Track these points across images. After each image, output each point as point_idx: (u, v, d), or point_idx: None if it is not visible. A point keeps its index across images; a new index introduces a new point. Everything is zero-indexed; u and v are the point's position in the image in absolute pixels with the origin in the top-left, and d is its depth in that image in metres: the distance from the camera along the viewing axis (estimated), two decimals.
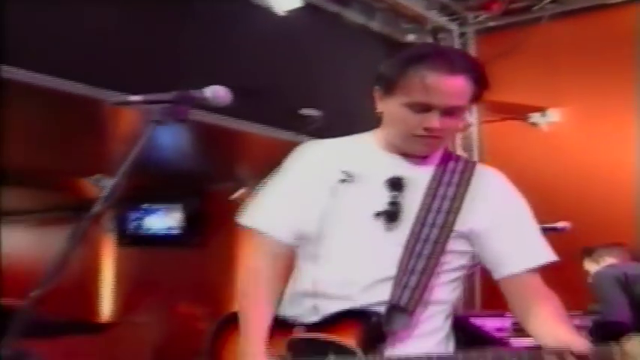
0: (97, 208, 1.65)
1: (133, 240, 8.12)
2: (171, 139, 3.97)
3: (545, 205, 2.45)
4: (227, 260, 6.83)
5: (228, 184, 6.72)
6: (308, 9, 4.70)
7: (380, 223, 1.91)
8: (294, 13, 4.53)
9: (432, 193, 1.95)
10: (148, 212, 8.02)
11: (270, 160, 2.13)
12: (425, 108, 1.85)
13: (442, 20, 6.13)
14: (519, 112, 6.07)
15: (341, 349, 1.84)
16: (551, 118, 6.01)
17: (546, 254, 1.98)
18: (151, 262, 7.76)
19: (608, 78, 5.76)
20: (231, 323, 2.00)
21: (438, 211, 1.92)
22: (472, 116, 6.12)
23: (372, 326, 1.85)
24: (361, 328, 1.86)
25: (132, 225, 8.08)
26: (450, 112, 1.87)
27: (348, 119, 3.90)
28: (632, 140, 5.58)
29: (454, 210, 1.92)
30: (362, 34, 5.49)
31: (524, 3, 6.01)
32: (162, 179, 6.43)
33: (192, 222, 7.64)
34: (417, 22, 5.97)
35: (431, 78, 1.82)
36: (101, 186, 6.07)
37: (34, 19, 3.44)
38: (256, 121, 4.66)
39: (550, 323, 1.86)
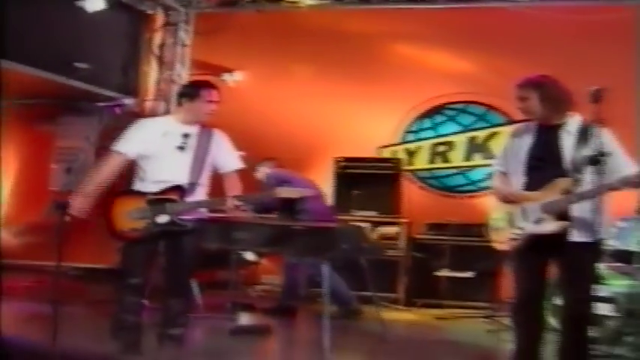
0: None
1: None
2: None
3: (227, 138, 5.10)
4: None
5: None
6: None
7: (179, 152, 4.54)
8: None
9: (201, 138, 4.62)
10: None
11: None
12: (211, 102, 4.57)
13: (173, 2, 8.74)
14: (216, 72, 8.91)
15: (169, 200, 4.49)
16: (237, 77, 8.94)
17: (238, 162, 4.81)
18: None
19: (278, 51, 8.78)
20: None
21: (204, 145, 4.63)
22: (184, 71, 8.88)
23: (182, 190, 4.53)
24: (177, 192, 4.51)
25: None
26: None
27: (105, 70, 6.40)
28: (291, 97, 8.69)
29: (208, 144, 4.63)
30: (118, 9, 7.91)
31: None
32: None
33: None
34: (154, 0, 8.53)
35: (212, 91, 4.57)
36: None
37: None
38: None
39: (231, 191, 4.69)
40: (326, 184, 7.92)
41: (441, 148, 8.81)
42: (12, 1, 6.36)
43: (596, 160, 3.90)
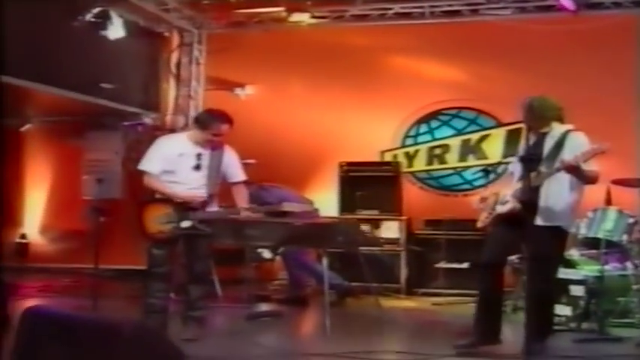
0: None
1: None
2: None
3: (241, 147, 5.87)
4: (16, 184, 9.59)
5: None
6: None
7: (195, 170, 5.38)
8: None
9: (213, 157, 5.47)
10: None
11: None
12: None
13: (186, 25, 9.60)
14: (229, 86, 9.72)
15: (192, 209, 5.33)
16: (248, 91, 9.75)
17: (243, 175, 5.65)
18: None
19: (285, 66, 9.55)
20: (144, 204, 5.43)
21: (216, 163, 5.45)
22: (200, 88, 9.70)
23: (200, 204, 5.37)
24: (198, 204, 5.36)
25: None
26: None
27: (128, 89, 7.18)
28: (299, 107, 9.49)
29: (220, 162, 5.45)
30: (137, 32, 8.76)
31: (240, 19, 9.57)
32: None
33: None
34: (169, 23, 9.38)
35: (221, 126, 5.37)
36: None
37: None
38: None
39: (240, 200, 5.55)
40: (332, 187, 8.73)
41: (438, 151, 9.53)
42: (46, 31, 7.24)
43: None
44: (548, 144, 4.95)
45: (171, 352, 3.69)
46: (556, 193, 4.78)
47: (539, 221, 4.84)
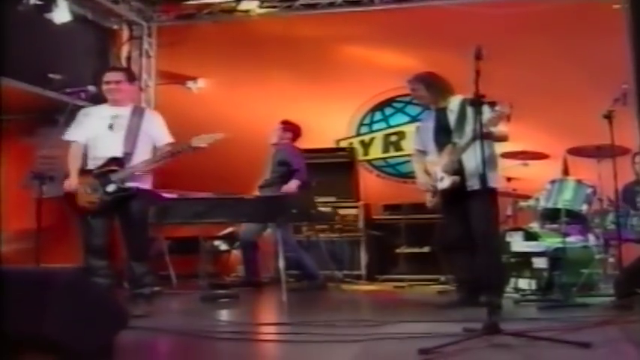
0: None
1: None
2: None
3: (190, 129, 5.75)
4: None
5: None
6: None
7: (110, 130, 5.32)
8: None
9: (132, 118, 5.38)
10: None
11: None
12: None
13: (135, 17, 9.42)
14: (181, 80, 9.59)
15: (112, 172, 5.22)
16: (200, 84, 9.63)
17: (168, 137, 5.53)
18: None
19: (236, 58, 9.45)
20: None
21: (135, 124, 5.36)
22: (151, 81, 9.54)
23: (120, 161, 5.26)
24: (116, 163, 5.25)
25: None
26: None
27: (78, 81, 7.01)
28: (251, 99, 9.36)
29: (139, 123, 5.37)
30: (86, 25, 8.59)
31: (190, 11, 9.46)
32: None
33: None
34: (118, 16, 9.21)
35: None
36: None
37: None
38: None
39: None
40: None
41: (393, 138, 9.51)
42: None
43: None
44: (452, 117, 5.45)
45: (109, 302, 3.55)
46: (476, 157, 4.87)
47: (474, 186, 5.15)
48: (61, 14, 7.78)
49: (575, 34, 8.40)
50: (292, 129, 7.61)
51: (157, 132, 5.52)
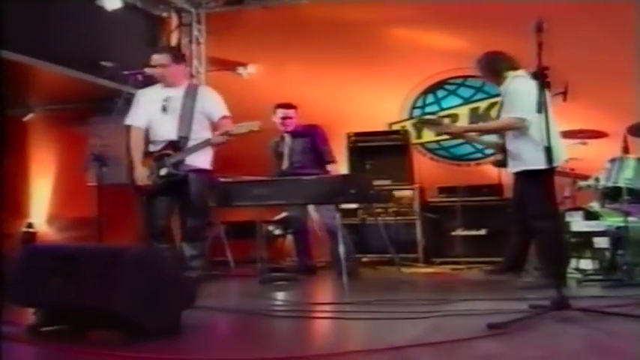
0: None
1: None
2: None
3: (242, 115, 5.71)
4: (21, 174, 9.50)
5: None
6: None
7: (163, 113, 5.31)
8: None
9: (186, 98, 5.35)
10: None
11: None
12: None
13: (184, 4, 9.44)
14: (231, 66, 9.58)
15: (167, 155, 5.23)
16: (250, 70, 9.62)
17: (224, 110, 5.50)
18: None
19: (286, 43, 9.40)
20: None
21: (190, 104, 5.35)
22: (202, 68, 9.56)
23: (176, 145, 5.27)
24: (172, 147, 5.25)
25: None
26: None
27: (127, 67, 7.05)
28: (302, 84, 9.29)
29: (194, 102, 5.35)
30: (136, 13, 8.64)
31: None
32: None
33: None
34: (167, 4, 9.25)
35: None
36: None
37: None
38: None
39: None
40: (340, 159, 8.53)
41: (446, 121, 9.36)
42: (42, 4, 7.12)
43: None
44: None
45: (177, 281, 3.54)
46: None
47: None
48: (112, 1, 7.82)
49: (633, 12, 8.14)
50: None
51: (211, 107, 5.47)
